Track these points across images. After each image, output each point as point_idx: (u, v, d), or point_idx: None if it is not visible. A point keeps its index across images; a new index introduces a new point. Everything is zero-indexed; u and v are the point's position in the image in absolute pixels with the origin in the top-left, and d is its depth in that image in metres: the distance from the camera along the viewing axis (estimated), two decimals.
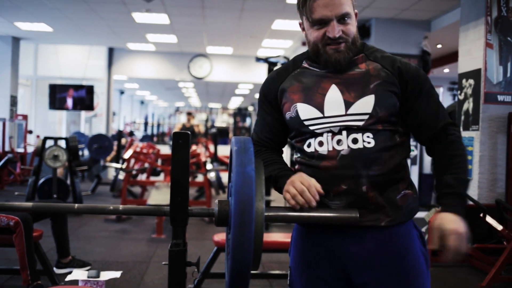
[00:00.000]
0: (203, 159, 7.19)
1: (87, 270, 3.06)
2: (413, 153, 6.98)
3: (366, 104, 1.47)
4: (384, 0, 6.33)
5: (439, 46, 8.65)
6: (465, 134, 4.60)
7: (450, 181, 1.48)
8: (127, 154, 6.69)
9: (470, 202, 3.94)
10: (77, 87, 10.07)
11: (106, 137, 8.61)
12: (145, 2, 6.08)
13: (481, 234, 4.09)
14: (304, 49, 6.22)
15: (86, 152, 10.42)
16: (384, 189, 1.46)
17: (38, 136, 9.37)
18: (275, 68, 1.72)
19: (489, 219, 3.81)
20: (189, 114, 11.62)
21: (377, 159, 1.46)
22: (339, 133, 1.48)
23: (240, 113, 19.07)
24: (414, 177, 7.25)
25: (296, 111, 1.53)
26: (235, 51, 10.58)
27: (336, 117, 1.48)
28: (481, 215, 3.83)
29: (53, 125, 13.05)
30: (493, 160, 4.41)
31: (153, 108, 27.59)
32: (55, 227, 3.83)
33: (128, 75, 11.54)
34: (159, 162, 7.66)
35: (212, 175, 6.51)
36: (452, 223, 1.39)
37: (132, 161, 7.35)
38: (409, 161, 1.58)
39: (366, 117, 1.46)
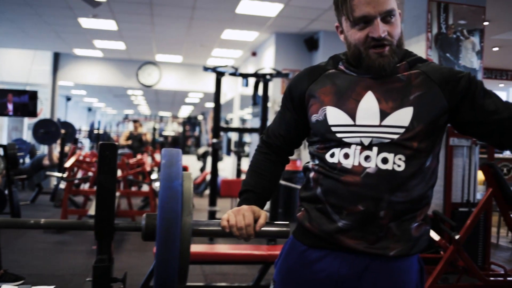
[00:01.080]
0: (148, 168, 7.07)
1: (19, 284, 2.93)
2: None
3: (403, 116, 1.33)
4: (332, 13, 6.40)
5: None
6: None
7: None
8: (68, 163, 6.48)
9: None
10: (19, 92, 9.70)
11: (53, 122, 8.27)
12: (91, 8, 5.94)
13: None
14: (254, 60, 6.29)
15: (27, 160, 10.05)
16: (401, 217, 1.34)
17: None
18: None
19: None
20: (135, 122, 11.41)
21: (403, 185, 1.32)
22: (369, 148, 1.33)
23: (190, 122, 18.92)
24: None
25: (325, 115, 1.39)
26: (184, 60, 10.50)
27: (369, 127, 1.34)
28: None
29: None
30: None
31: (101, 116, 27.01)
32: None
33: (75, 81, 11.25)
34: None
35: (157, 185, 6.40)
36: None
37: (79, 170, 7.14)
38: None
39: (401, 130, 1.32)
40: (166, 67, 10.96)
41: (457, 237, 3.58)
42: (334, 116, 1.38)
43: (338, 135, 1.37)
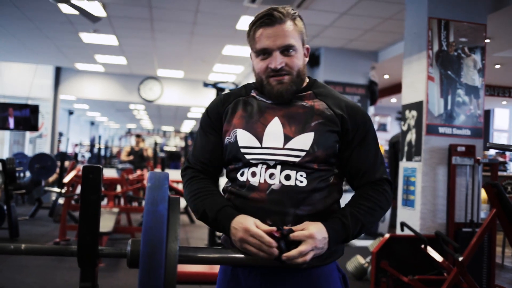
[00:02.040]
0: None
1: None
2: None
3: (304, 140, 1.44)
4: (333, 30, 6.42)
5: (386, 76, 8.85)
6: (408, 165, 4.65)
7: (346, 212, 1.42)
8: (67, 178, 6.42)
9: (411, 233, 3.95)
10: (21, 106, 9.70)
11: (48, 157, 8.26)
12: (91, 23, 5.93)
13: (422, 265, 4.10)
14: None
15: (28, 174, 10.00)
16: None
17: None
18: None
19: (430, 250, 3.82)
20: (138, 136, 11.33)
21: (306, 199, 1.42)
22: (274, 167, 1.44)
23: (192, 136, 18.86)
24: None
25: (235, 137, 1.49)
26: (186, 75, 10.49)
27: (273, 149, 1.45)
28: (422, 246, 3.84)
29: None
30: (434, 191, 4.46)
31: (104, 129, 27.02)
32: None
33: (76, 95, 11.23)
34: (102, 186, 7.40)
35: None
36: (318, 230, 1.33)
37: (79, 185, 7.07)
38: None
39: (302, 153, 1.43)
40: (167, 82, 10.95)
41: (460, 258, 3.49)
42: (243, 138, 1.48)
43: (246, 156, 1.47)
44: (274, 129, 1.46)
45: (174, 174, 10.26)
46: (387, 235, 4.23)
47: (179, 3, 5.78)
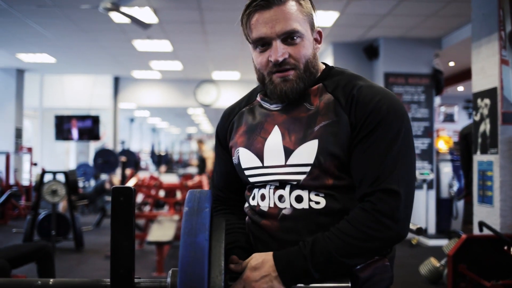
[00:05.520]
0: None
1: None
2: (429, 177, 6.63)
3: (307, 151, 1.16)
4: (391, 18, 6.07)
5: (451, 63, 8.36)
6: (483, 158, 4.27)
7: (310, 239, 1.13)
8: None
9: (491, 233, 3.60)
10: (83, 118, 9.94)
11: (111, 152, 8.43)
12: (143, 29, 5.90)
13: (506, 268, 3.72)
14: None
15: (92, 183, 10.22)
16: None
17: (43, 169, 9.21)
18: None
19: None
20: (199, 142, 11.19)
21: (328, 225, 1.13)
22: (282, 186, 1.19)
23: None
24: (431, 202, 6.88)
25: (238, 157, 1.28)
26: (242, 76, 10.36)
27: (275, 167, 1.20)
28: (505, 247, 3.49)
29: (61, 156, 12.91)
30: None
31: (165, 135, 27.48)
32: (40, 271, 3.56)
33: (135, 103, 11.37)
34: (163, 193, 7.37)
35: None
36: (258, 264, 1.12)
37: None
38: (424, 187, 1.24)
39: (307, 169, 1.15)
40: (223, 84, 10.85)
41: None
42: (245, 158, 1.27)
43: (250, 179, 1.26)
44: (274, 143, 1.21)
45: None
46: (463, 235, 3.89)
47: (228, 3, 5.63)
